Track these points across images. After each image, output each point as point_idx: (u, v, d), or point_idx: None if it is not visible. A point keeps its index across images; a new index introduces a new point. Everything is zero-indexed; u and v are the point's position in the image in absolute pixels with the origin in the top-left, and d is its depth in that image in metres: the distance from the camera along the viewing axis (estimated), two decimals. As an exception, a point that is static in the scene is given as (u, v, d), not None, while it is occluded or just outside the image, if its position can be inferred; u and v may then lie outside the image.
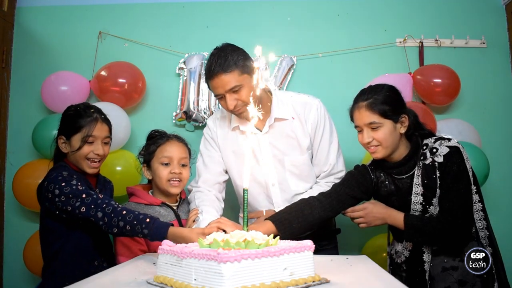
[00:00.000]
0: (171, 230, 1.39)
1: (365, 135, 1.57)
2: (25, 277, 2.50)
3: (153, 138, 1.84)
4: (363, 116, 1.56)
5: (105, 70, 2.45)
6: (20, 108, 2.63)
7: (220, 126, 1.88)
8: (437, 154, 1.52)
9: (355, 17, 2.63)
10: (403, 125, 1.58)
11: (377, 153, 1.58)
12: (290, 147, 1.80)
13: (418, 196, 1.55)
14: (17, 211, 2.55)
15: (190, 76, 2.56)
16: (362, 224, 1.61)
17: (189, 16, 2.66)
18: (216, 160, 1.86)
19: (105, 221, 1.43)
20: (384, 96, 1.56)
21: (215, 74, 1.65)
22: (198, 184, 1.84)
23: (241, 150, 1.80)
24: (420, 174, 1.55)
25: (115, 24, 2.65)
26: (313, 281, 1.01)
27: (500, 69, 2.56)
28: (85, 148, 1.60)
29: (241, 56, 1.69)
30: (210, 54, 1.72)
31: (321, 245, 1.82)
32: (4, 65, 2.58)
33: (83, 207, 1.45)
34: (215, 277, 0.91)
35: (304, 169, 1.81)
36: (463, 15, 2.59)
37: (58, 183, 1.50)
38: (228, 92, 1.66)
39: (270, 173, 1.80)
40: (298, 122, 1.81)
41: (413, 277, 1.58)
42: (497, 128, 2.52)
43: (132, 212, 1.43)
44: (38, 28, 2.68)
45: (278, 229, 1.53)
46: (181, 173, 1.76)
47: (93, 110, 1.66)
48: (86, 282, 1.10)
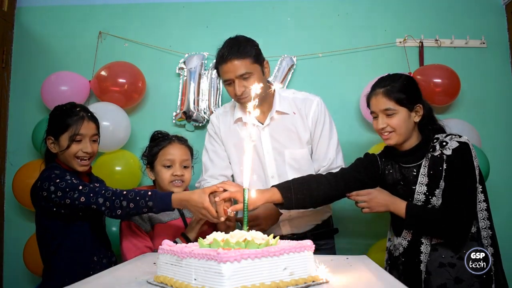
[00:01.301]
0: (174, 196, 1.45)
1: (380, 121, 1.61)
2: (25, 277, 2.50)
3: (155, 139, 1.86)
4: (379, 102, 1.60)
5: (105, 70, 2.45)
6: (20, 108, 2.63)
7: (223, 121, 1.93)
8: (447, 147, 1.56)
9: (355, 17, 2.63)
10: (418, 114, 1.62)
11: (391, 139, 1.61)
12: (290, 140, 1.84)
13: (423, 186, 1.58)
14: (17, 211, 2.55)
15: (190, 76, 2.56)
16: (365, 209, 1.62)
17: (189, 16, 2.66)
18: (221, 154, 1.92)
19: (107, 205, 1.45)
20: (401, 85, 1.60)
21: (228, 59, 1.71)
22: (204, 177, 1.90)
23: (242, 143, 1.80)
24: (427, 165, 1.59)
25: (115, 24, 2.65)
26: (313, 281, 1.01)
27: (500, 69, 2.56)
28: (73, 147, 1.61)
29: (255, 47, 1.77)
30: (223, 43, 1.78)
31: (318, 245, 1.82)
32: (4, 65, 2.58)
33: (82, 197, 1.47)
34: (215, 277, 0.91)
35: (304, 163, 1.85)
36: (463, 15, 2.59)
37: (52, 180, 1.51)
38: (238, 77, 1.71)
39: (269, 165, 1.85)
40: (299, 117, 1.85)
41: (410, 269, 1.59)
42: (497, 128, 2.52)
43: (132, 190, 1.48)
44: (38, 28, 2.68)
45: (283, 196, 1.57)
46: (183, 174, 1.78)
47: (79, 108, 1.67)
48: (86, 282, 1.10)
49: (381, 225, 2.36)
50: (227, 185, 1.53)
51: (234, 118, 1.88)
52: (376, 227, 2.41)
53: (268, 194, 1.56)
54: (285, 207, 1.61)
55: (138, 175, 2.43)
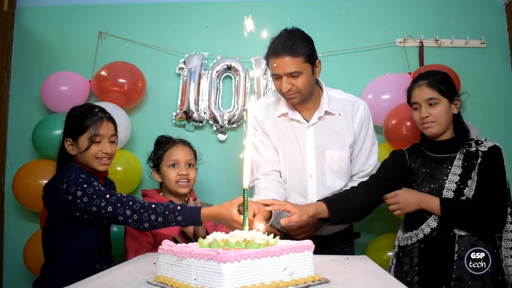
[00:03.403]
0: (203, 211, 1.45)
1: (423, 110, 1.68)
2: (25, 277, 2.49)
3: (160, 143, 1.96)
4: (423, 92, 1.68)
5: (105, 70, 2.45)
6: (20, 108, 2.63)
7: (266, 114, 1.86)
8: (482, 145, 1.65)
9: (355, 17, 2.63)
10: (456, 106, 1.70)
11: (432, 128, 1.67)
12: (333, 142, 1.81)
13: (455, 176, 1.62)
14: (17, 211, 2.55)
15: (190, 76, 2.56)
16: (396, 211, 1.63)
17: (189, 16, 2.66)
18: (271, 148, 1.86)
19: (134, 218, 1.44)
20: (442, 77, 1.70)
21: (280, 54, 1.66)
22: (257, 176, 1.83)
23: (286, 138, 1.82)
24: (461, 157, 1.65)
25: (115, 24, 2.65)
26: (313, 281, 1.01)
27: (500, 69, 2.56)
28: (93, 148, 1.60)
29: (310, 45, 1.70)
30: (279, 34, 1.72)
31: (340, 248, 1.88)
32: (4, 65, 2.58)
33: (110, 206, 1.45)
34: (215, 277, 0.91)
35: (343, 165, 1.82)
36: (463, 15, 2.59)
37: (80, 185, 1.48)
38: (286, 75, 1.67)
39: (310, 164, 1.81)
40: (344, 119, 1.82)
41: (433, 258, 1.59)
42: (497, 128, 2.51)
43: (160, 204, 1.46)
44: (38, 28, 2.68)
45: (329, 209, 1.58)
46: (188, 174, 1.87)
47: (97, 109, 1.66)
48: (86, 282, 1.10)
49: (377, 223, 2.38)
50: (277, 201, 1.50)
51: (278, 113, 1.83)
52: (380, 228, 2.42)
53: (313, 207, 1.57)
54: (332, 221, 1.60)
55: (138, 175, 2.44)
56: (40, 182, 2.35)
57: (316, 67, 1.74)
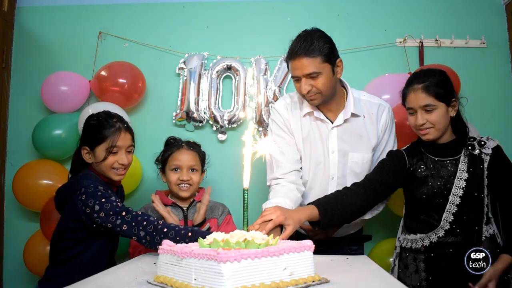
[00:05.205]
0: None
1: (419, 117, 1.61)
2: (25, 277, 2.49)
3: (168, 145, 1.99)
4: (418, 98, 1.60)
5: (105, 70, 2.45)
6: (20, 108, 2.63)
7: (292, 113, 1.83)
8: (485, 146, 1.62)
9: (355, 17, 2.62)
10: (454, 108, 1.64)
11: (430, 134, 1.62)
12: (357, 144, 1.79)
13: (462, 181, 1.60)
14: (17, 211, 2.55)
15: (190, 76, 2.55)
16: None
17: (189, 16, 2.66)
18: (293, 147, 1.81)
19: (147, 239, 1.45)
20: (439, 80, 1.61)
21: (297, 55, 1.64)
22: (276, 175, 1.76)
23: (310, 138, 1.80)
24: (466, 161, 1.62)
25: (115, 24, 2.65)
26: (313, 281, 1.01)
27: (500, 69, 2.56)
28: (110, 159, 1.60)
29: (327, 45, 1.67)
30: (297, 35, 1.70)
31: (351, 249, 1.89)
32: (4, 65, 2.58)
33: (125, 225, 1.46)
34: (215, 277, 0.91)
35: (365, 168, 1.80)
36: (463, 15, 2.59)
37: (98, 199, 1.48)
38: (305, 76, 1.65)
39: (332, 165, 1.79)
40: (370, 121, 1.80)
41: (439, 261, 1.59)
42: (497, 128, 2.51)
43: (172, 228, 1.45)
44: (38, 28, 2.68)
45: (320, 213, 1.52)
46: (190, 178, 1.89)
47: (115, 119, 1.65)
48: (86, 282, 1.11)
49: (375, 226, 2.38)
50: (268, 215, 1.41)
51: (303, 112, 1.80)
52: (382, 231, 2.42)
53: (306, 212, 1.51)
54: (323, 224, 1.55)
55: (138, 175, 2.44)
56: (40, 182, 2.36)
57: (337, 66, 1.70)
